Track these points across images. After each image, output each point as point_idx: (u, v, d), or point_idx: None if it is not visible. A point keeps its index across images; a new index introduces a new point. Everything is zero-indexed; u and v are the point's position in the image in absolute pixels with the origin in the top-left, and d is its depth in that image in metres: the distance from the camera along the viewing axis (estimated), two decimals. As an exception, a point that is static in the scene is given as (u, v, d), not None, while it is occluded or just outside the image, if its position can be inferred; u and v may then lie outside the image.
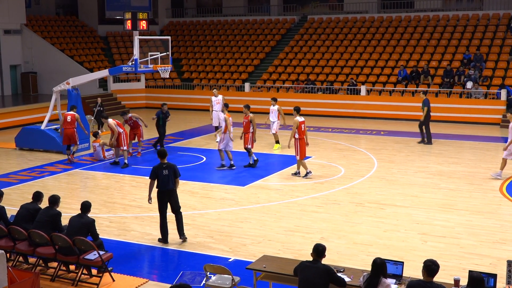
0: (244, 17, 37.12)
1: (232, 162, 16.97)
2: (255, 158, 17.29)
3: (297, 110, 16.09)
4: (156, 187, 10.99)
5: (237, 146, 18.50)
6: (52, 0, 36.51)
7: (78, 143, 18.65)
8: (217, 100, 21.44)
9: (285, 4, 37.63)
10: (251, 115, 17.25)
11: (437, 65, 28.39)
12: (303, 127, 15.77)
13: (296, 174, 16.14)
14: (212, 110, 21.66)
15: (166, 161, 11.06)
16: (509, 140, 15.63)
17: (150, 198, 11.19)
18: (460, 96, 26.03)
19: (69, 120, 18.35)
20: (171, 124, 25.82)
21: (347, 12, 35.14)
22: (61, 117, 20.51)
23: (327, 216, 12.79)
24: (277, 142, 20.04)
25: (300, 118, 15.80)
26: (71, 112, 18.60)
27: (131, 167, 17.58)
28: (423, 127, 20.66)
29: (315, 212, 13.03)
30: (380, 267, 7.09)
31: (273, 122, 19.96)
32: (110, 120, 17.84)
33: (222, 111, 19.20)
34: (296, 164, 16.32)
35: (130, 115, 18.94)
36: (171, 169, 10.98)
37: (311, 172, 16.03)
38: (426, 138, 20.68)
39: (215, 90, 21.68)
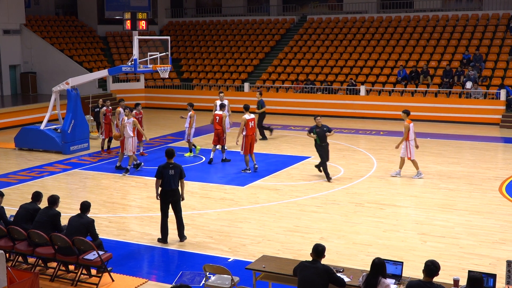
0: (244, 17, 37.13)
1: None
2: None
3: (246, 108, 16.79)
4: (160, 186, 11.01)
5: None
6: (51, 0, 36.51)
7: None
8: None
9: (284, 4, 37.64)
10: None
11: (436, 65, 28.40)
12: (250, 124, 16.40)
13: (246, 170, 16.70)
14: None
15: (173, 161, 11.08)
16: (402, 138, 15.75)
17: (158, 195, 11.18)
18: (460, 96, 26.04)
19: (218, 121, 17.80)
20: (172, 124, 25.90)
21: (347, 12, 35.16)
22: (60, 117, 20.53)
23: (326, 216, 12.79)
24: (191, 149, 18.99)
25: (248, 116, 16.41)
26: (220, 112, 17.88)
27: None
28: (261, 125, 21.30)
29: (315, 212, 13.03)
30: (379, 267, 7.09)
31: (187, 128, 18.71)
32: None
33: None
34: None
35: (141, 110, 19.00)
36: (177, 169, 11.00)
37: (249, 170, 16.68)
38: (263, 133, 21.54)
39: (222, 94, 19.95)
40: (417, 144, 15.99)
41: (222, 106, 18.14)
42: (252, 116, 16.75)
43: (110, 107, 19.70)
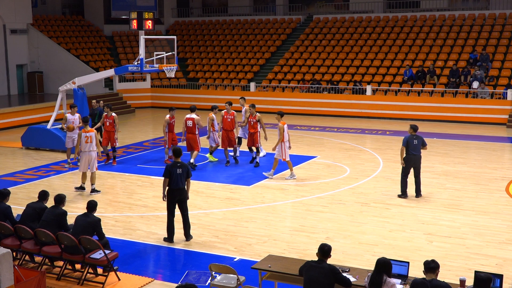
0: (250, 16, 37.14)
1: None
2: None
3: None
4: (167, 185, 11.04)
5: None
6: (58, 0, 36.64)
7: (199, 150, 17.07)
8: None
9: (290, 4, 37.63)
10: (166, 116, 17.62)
11: (443, 64, 28.32)
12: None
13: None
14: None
15: (180, 160, 11.11)
16: (278, 140, 15.63)
17: (164, 196, 11.22)
18: (466, 96, 25.96)
19: (190, 125, 16.99)
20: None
21: (353, 11, 35.12)
22: (65, 116, 20.54)
23: (332, 216, 12.78)
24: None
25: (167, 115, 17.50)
26: (193, 116, 17.01)
27: (137, 166, 17.63)
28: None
29: (320, 212, 13.02)
30: (382, 265, 7.07)
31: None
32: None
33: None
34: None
35: (173, 113, 17.72)
36: (185, 168, 11.04)
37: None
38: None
39: (243, 99, 18.55)
40: (290, 145, 15.90)
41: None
42: (171, 115, 17.43)
43: (113, 114, 17.50)
